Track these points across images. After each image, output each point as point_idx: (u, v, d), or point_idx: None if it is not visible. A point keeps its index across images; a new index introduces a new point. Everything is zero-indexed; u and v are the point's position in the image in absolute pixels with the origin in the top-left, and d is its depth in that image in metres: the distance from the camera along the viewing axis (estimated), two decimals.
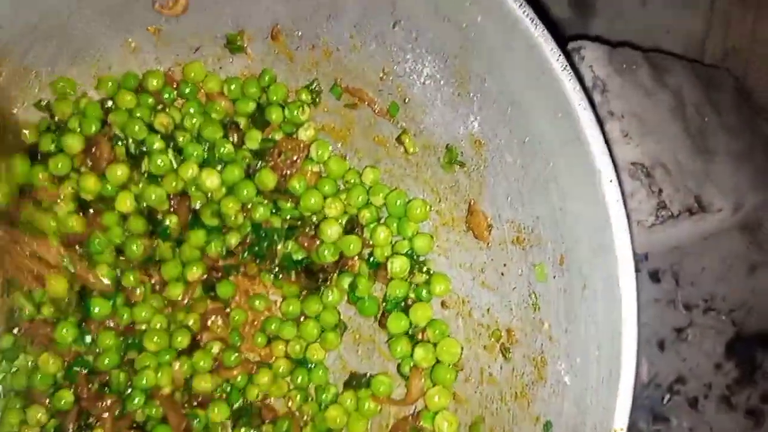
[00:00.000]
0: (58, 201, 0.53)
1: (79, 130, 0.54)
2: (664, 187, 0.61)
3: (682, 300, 0.83)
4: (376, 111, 0.55)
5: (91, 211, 0.55)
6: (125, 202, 0.54)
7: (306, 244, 0.56)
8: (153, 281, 0.56)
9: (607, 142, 0.40)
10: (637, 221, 0.61)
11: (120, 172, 0.54)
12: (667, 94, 0.67)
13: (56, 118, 0.54)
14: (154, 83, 0.55)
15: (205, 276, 0.57)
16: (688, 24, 0.83)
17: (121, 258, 0.55)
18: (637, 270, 0.82)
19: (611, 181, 0.40)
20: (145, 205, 0.55)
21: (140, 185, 0.55)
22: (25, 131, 0.54)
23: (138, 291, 0.55)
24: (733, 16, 0.83)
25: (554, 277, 0.46)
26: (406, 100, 0.53)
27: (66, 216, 0.53)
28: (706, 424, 0.81)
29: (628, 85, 0.64)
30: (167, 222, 0.55)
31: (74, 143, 0.54)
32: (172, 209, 0.56)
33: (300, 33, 0.54)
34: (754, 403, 0.81)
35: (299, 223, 0.56)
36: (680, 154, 0.64)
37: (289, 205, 0.56)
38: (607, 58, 0.64)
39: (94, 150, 0.53)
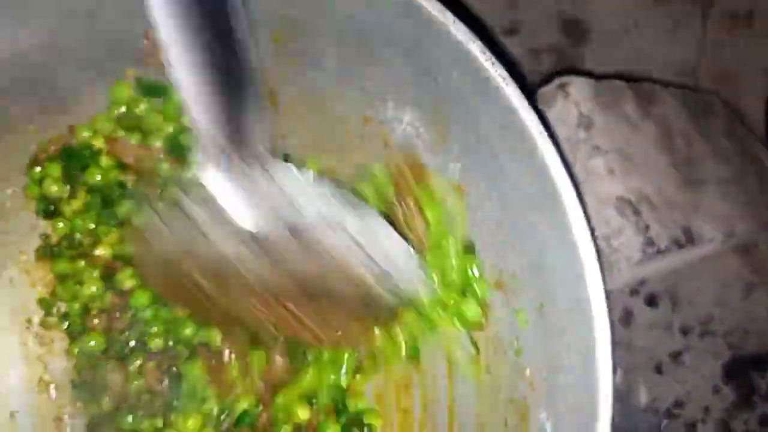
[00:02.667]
0: None
1: None
2: (650, 223, 0.61)
3: (678, 324, 0.83)
4: None
5: None
6: None
7: None
8: None
9: (582, 203, 0.41)
10: (624, 258, 0.61)
11: None
12: (653, 124, 0.67)
13: None
14: None
15: None
16: (681, 48, 0.83)
17: None
18: (635, 293, 0.83)
19: (587, 243, 0.40)
20: None
21: None
22: None
23: None
24: (726, 40, 0.83)
25: (535, 324, 0.47)
26: (388, 145, 0.54)
27: None
28: None
29: (613, 120, 0.64)
30: None
31: None
32: None
33: (282, 80, 0.55)
34: (753, 428, 0.81)
35: None
36: (667, 187, 0.64)
37: None
38: (592, 92, 0.64)
39: None
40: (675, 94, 0.72)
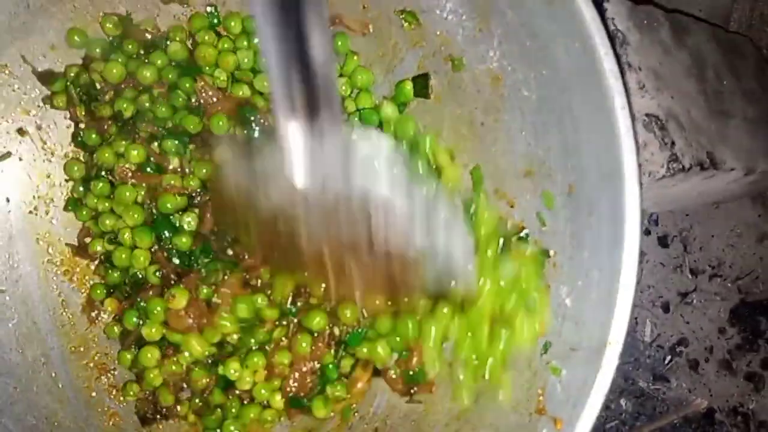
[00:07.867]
0: None
1: None
2: (676, 140, 0.62)
3: (689, 265, 0.85)
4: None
5: None
6: None
7: None
8: None
9: (622, 72, 0.42)
10: (648, 172, 0.62)
11: None
12: (686, 53, 0.68)
13: None
14: None
15: None
16: None
17: None
18: (647, 234, 0.84)
19: (623, 108, 0.42)
20: None
21: None
22: None
23: None
24: None
25: (563, 207, 0.48)
26: (428, 37, 0.55)
27: None
28: (705, 386, 0.82)
29: (647, 41, 0.65)
30: None
31: None
32: None
33: None
34: (755, 369, 0.82)
35: None
36: (695, 112, 0.65)
37: None
38: (628, 13, 0.65)
39: None
40: (708, 30, 0.73)
